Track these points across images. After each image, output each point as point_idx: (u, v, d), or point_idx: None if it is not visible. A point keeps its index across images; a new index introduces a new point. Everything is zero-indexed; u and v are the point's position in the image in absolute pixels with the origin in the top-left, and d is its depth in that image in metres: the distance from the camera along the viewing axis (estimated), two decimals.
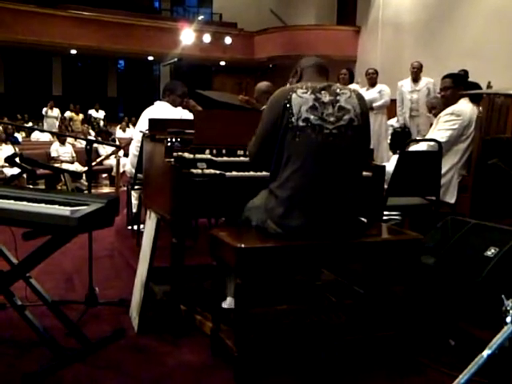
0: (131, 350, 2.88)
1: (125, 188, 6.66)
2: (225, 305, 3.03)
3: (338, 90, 2.67)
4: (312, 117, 2.56)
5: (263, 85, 5.20)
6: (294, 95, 2.60)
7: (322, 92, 2.63)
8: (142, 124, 4.80)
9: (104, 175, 11.68)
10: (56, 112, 16.74)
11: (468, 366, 1.24)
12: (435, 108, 5.05)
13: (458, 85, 4.53)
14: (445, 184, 4.22)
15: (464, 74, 6.57)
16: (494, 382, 1.57)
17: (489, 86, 6.87)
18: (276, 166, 2.64)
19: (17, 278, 2.79)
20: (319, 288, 3.58)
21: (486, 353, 1.26)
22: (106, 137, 12.38)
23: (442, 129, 4.32)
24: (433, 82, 7.87)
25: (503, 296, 1.36)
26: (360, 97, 2.74)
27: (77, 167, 10.24)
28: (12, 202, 2.48)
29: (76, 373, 2.59)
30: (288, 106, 2.58)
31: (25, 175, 7.59)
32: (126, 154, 7.64)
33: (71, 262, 4.49)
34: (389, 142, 6.77)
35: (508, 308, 1.33)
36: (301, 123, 2.55)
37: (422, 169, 3.95)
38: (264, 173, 2.96)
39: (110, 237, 5.38)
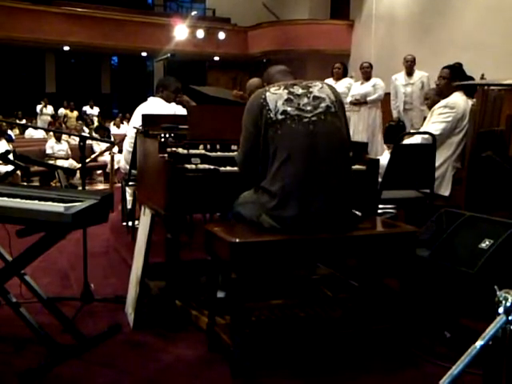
0: (127, 346, 2.89)
1: (119, 184, 6.65)
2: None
3: (309, 84, 2.76)
4: (289, 108, 2.63)
5: (255, 80, 5.18)
6: (267, 93, 2.68)
7: (294, 86, 2.72)
8: (136, 120, 4.79)
9: (98, 172, 11.68)
10: (50, 109, 16.70)
11: (461, 358, 1.25)
12: (428, 99, 5.06)
13: (454, 77, 4.53)
14: (439, 177, 4.23)
15: (459, 66, 6.56)
16: (488, 373, 1.58)
17: (482, 79, 6.87)
18: (264, 165, 2.66)
19: (11, 275, 2.79)
20: (315, 282, 3.58)
21: (478, 343, 1.27)
22: (103, 133, 12.37)
23: (435, 121, 4.32)
24: (427, 75, 7.87)
25: (496, 287, 1.37)
26: (331, 87, 2.83)
27: (71, 163, 10.23)
28: (6, 199, 2.48)
29: (72, 369, 2.59)
30: (264, 103, 2.65)
31: (19, 172, 7.58)
32: (121, 151, 7.62)
33: (66, 259, 4.48)
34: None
35: (500, 299, 1.34)
36: (279, 116, 2.61)
37: (416, 162, 3.95)
38: None
39: (105, 233, 5.38)
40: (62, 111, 17.04)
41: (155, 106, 4.92)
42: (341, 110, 2.75)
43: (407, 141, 4.47)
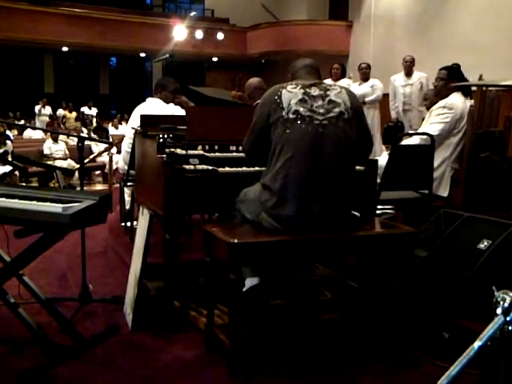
0: (125, 347, 2.88)
1: (118, 185, 6.64)
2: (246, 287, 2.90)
3: (327, 86, 2.75)
4: (301, 109, 2.62)
5: (255, 80, 5.18)
6: (283, 91, 2.68)
7: (312, 87, 2.71)
8: (134, 121, 4.78)
9: (97, 172, 11.67)
10: (48, 110, 16.69)
11: (459, 358, 1.25)
12: (426, 100, 5.07)
13: (451, 78, 4.53)
14: (437, 177, 4.23)
15: (457, 67, 6.58)
16: (485, 373, 1.58)
17: (480, 79, 6.87)
18: (270, 161, 2.68)
19: (10, 276, 2.78)
20: (313, 282, 3.58)
21: (476, 344, 1.27)
22: (102, 134, 12.36)
23: (434, 122, 4.32)
24: (426, 76, 7.88)
25: (494, 287, 1.37)
26: (350, 93, 2.80)
27: (70, 164, 10.22)
28: (4, 199, 2.47)
29: (70, 370, 2.58)
30: (278, 101, 2.65)
31: (17, 173, 7.57)
32: (119, 151, 7.62)
33: (65, 260, 4.48)
34: None
35: (498, 299, 1.34)
36: (291, 115, 2.61)
37: (414, 162, 3.95)
38: (257, 168, 2.98)
39: (104, 234, 5.37)
40: (60, 112, 17.04)
41: (154, 106, 4.92)
42: (355, 116, 2.72)
43: (406, 141, 4.47)
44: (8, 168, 3.32)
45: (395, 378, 2.61)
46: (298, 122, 2.60)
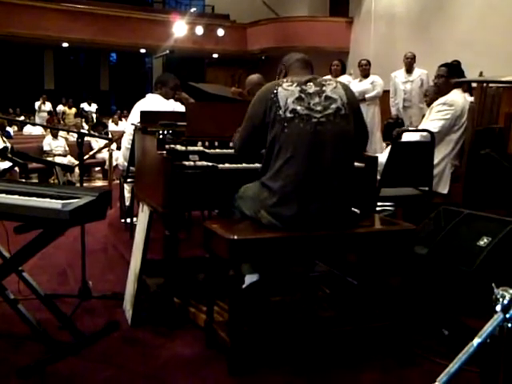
0: (125, 343, 2.89)
1: (118, 181, 6.64)
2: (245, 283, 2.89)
3: (323, 82, 2.73)
4: (299, 107, 2.60)
5: (255, 77, 5.18)
6: (279, 89, 2.65)
7: (308, 84, 2.68)
8: (134, 117, 4.78)
9: (97, 168, 11.66)
10: (48, 106, 16.69)
11: (458, 355, 1.25)
12: (427, 96, 5.07)
13: (451, 74, 4.52)
14: (437, 174, 4.23)
15: (457, 64, 6.58)
16: (485, 370, 1.58)
17: (481, 76, 6.87)
18: (267, 160, 2.67)
19: (9, 272, 2.78)
20: (313, 279, 3.58)
21: (476, 341, 1.27)
22: (102, 129, 12.35)
23: (434, 119, 4.32)
24: (426, 72, 7.88)
25: (493, 284, 1.37)
26: (346, 87, 2.78)
27: (70, 160, 10.21)
28: (3, 195, 2.47)
29: (70, 366, 2.58)
30: (275, 99, 2.62)
31: (17, 169, 7.57)
32: (119, 147, 7.62)
33: (64, 256, 4.47)
34: None
35: (498, 296, 1.34)
36: (288, 114, 2.59)
37: (414, 159, 3.95)
38: (257, 164, 2.97)
39: (104, 230, 5.37)
40: (60, 108, 17.03)
41: (154, 102, 4.92)
42: (352, 111, 2.71)
43: (406, 138, 4.47)
44: (8, 164, 3.30)
45: (395, 375, 2.61)
46: (296, 121, 2.59)
